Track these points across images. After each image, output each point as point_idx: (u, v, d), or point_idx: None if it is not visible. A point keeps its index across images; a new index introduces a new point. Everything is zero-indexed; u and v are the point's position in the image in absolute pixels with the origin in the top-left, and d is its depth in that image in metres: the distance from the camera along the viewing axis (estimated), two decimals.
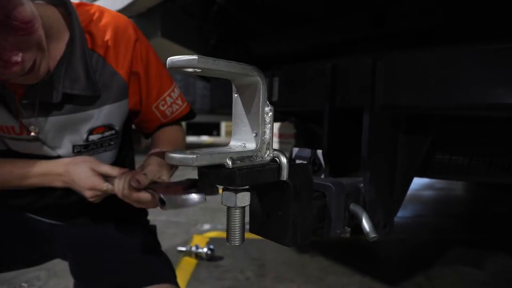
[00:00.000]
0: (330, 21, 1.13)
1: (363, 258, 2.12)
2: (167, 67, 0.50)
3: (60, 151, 0.98)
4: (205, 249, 2.01)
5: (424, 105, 0.76)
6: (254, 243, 2.26)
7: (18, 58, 0.73)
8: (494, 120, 0.94)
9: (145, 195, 0.82)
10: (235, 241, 0.60)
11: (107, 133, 1.01)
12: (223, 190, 0.58)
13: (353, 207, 0.76)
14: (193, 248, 2.02)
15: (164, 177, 0.89)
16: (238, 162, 0.54)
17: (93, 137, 0.99)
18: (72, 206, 1.07)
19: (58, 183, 0.96)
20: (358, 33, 1.10)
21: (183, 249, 2.04)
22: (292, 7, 1.18)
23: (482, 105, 0.67)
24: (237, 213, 0.59)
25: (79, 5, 0.97)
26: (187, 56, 0.49)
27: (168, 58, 0.50)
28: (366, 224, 0.73)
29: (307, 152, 0.95)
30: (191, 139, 9.53)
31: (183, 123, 1.23)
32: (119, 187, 0.86)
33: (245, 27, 1.40)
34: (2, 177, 0.96)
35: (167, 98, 1.08)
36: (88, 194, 0.90)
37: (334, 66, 0.89)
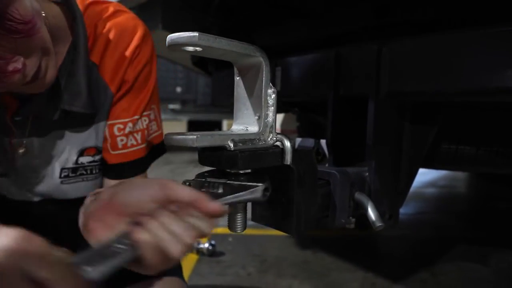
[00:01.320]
0: (333, 12, 1.11)
1: (366, 254, 2.10)
2: (167, 44, 0.49)
3: (41, 175, 0.82)
4: (206, 245, 1.99)
5: (430, 91, 0.74)
6: (255, 240, 2.24)
7: (18, 64, 0.60)
8: (502, 108, 0.92)
9: None
10: (236, 228, 0.58)
11: (97, 157, 0.85)
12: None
13: (358, 195, 0.74)
14: (195, 244, 2.01)
15: None
16: (240, 144, 0.52)
17: (83, 159, 0.84)
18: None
19: None
20: (361, 24, 1.08)
21: None
22: None
23: (490, 89, 0.65)
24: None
25: (92, 3, 0.83)
26: (187, 33, 0.47)
27: (168, 36, 0.48)
28: (372, 213, 0.71)
29: (310, 142, 0.93)
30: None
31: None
32: None
33: (247, 19, 1.38)
34: None
35: (129, 124, 0.84)
36: None
37: (338, 54, 0.88)
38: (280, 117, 3.27)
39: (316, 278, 1.77)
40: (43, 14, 0.67)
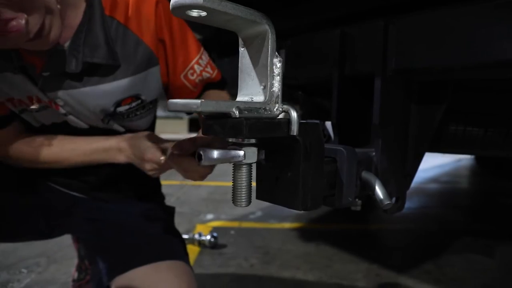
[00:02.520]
0: None
1: (370, 247, 2.08)
2: (171, 7, 0.47)
3: (89, 123, 0.97)
4: (208, 237, 1.97)
5: (439, 67, 0.72)
6: (258, 232, 2.23)
7: (21, 21, 0.66)
8: (510, 89, 0.90)
9: (187, 160, 0.76)
10: (241, 201, 0.57)
11: (134, 104, 0.97)
12: (228, 145, 0.55)
13: (366, 174, 0.73)
14: (196, 236, 1.99)
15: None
16: (246, 112, 0.50)
17: (121, 109, 0.96)
18: (97, 180, 1.09)
19: (120, 158, 0.95)
20: (366, 4, 1.07)
21: (186, 236, 2.01)
22: None
23: (501, 62, 0.63)
24: (243, 170, 0.55)
25: None
26: None
27: None
28: (379, 191, 0.70)
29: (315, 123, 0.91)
30: (193, 135, 9.47)
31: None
32: (169, 156, 0.81)
33: (251, 3, 1.37)
34: (65, 153, 0.96)
35: (196, 66, 1.00)
36: (147, 166, 0.87)
37: (343, 32, 0.86)
38: None
39: (319, 270, 1.76)
40: None
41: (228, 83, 1.10)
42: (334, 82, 0.85)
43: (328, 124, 0.89)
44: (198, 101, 0.46)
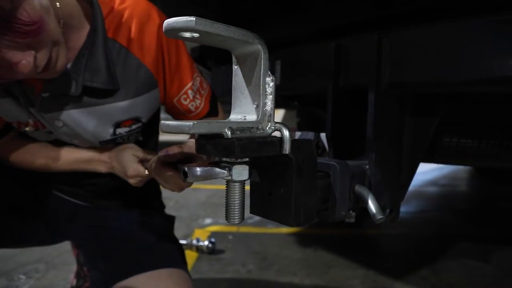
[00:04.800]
0: (333, 3, 1.10)
1: (367, 252, 2.09)
2: (164, 29, 0.48)
3: (86, 145, 0.99)
4: (206, 242, 1.98)
5: (432, 82, 0.73)
6: (255, 237, 2.23)
7: (30, 58, 0.67)
8: (503, 101, 0.91)
9: (169, 171, 0.78)
10: (234, 219, 0.57)
11: (134, 126, 0.98)
12: (218, 162, 0.55)
13: (359, 188, 0.73)
14: (194, 241, 2.00)
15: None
16: (238, 132, 0.51)
17: (120, 130, 0.96)
18: (98, 188, 1.12)
19: (102, 169, 0.99)
20: (362, 16, 1.07)
21: (184, 242, 2.01)
22: None
23: (492, 78, 0.64)
24: (236, 187, 0.56)
25: None
26: (184, 17, 0.46)
27: (165, 21, 0.47)
28: (372, 205, 0.70)
29: (310, 135, 0.92)
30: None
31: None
32: (151, 165, 0.83)
33: (248, 13, 1.37)
34: (50, 160, 0.99)
35: (189, 92, 1.00)
36: (131, 181, 0.90)
37: (338, 45, 0.86)
38: (280, 114, 3.26)
39: (316, 275, 1.76)
40: (57, 5, 0.75)
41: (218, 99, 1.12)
42: (329, 95, 0.85)
43: (323, 135, 0.90)
44: (191, 123, 0.46)
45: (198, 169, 0.52)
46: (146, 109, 0.97)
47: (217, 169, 0.53)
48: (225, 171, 0.53)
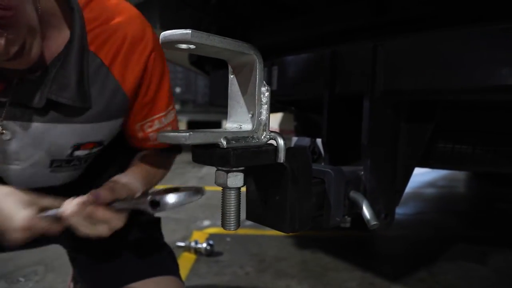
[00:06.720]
0: (331, 9, 1.11)
1: (365, 254, 2.10)
2: (160, 42, 0.48)
3: (28, 163, 0.83)
4: (204, 245, 1.99)
5: (426, 90, 0.74)
6: (253, 240, 2.24)
7: (1, 40, 0.61)
8: (497, 107, 0.92)
9: (110, 212, 0.72)
10: (230, 225, 0.58)
11: (95, 149, 0.88)
12: (216, 171, 0.56)
13: (353, 194, 0.74)
14: (192, 244, 2.00)
15: (137, 190, 0.82)
16: (233, 142, 0.52)
17: (79, 153, 0.86)
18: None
19: None
20: (359, 22, 1.08)
21: (182, 244, 2.03)
22: None
23: (486, 87, 0.65)
24: (232, 195, 0.57)
25: None
26: (180, 30, 0.47)
27: (161, 33, 0.48)
28: (366, 212, 0.71)
29: (306, 140, 0.93)
30: None
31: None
32: (71, 206, 0.70)
33: (245, 18, 1.38)
34: None
35: (156, 121, 0.92)
36: (19, 235, 0.69)
37: (334, 52, 0.88)
38: (278, 117, 3.26)
39: (314, 278, 1.77)
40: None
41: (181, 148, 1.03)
42: (325, 101, 0.87)
43: (319, 141, 0.91)
44: (187, 133, 0.47)
45: (170, 196, 0.50)
46: (112, 134, 0.90)
47: (193, 196, 0.53)
48: (200, 196, 0.54)
